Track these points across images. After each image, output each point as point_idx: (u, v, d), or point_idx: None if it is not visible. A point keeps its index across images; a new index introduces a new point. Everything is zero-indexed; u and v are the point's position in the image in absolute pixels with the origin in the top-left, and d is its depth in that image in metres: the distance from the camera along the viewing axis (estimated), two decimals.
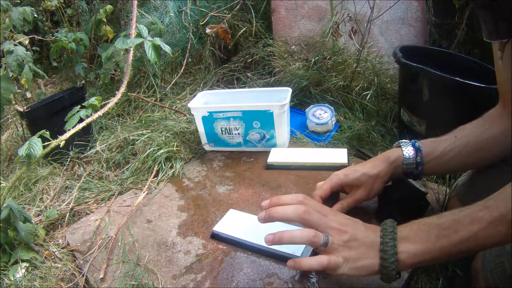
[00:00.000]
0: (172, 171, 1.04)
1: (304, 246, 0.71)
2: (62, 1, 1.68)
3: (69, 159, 1.17)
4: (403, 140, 0.77)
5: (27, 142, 0.80)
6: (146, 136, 1.15)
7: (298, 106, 1.34)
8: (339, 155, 0.99)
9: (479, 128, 0.74)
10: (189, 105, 1.09)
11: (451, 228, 0.54)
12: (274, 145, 1.09)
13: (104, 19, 1.38)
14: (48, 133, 0.85)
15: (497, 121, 0.73)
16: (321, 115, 1.18)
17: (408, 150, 0.74)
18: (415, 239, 0.56)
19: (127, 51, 1.14)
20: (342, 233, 0.59)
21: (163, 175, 1.03)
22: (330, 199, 0.77)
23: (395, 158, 0.74)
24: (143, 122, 1.30)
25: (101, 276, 0.72)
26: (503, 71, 0.69)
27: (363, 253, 0.58)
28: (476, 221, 0.52)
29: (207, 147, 1.15)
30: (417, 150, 0.73)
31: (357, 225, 0.61)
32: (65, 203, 0.99)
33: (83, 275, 0.75)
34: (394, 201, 0.75)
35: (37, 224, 0.90)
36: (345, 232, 0.59)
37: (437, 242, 0.54)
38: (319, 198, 0.75)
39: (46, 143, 0.84)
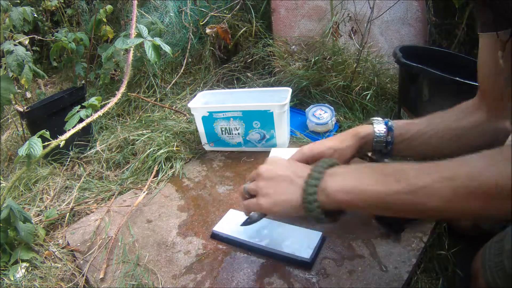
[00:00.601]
0: (172, 171, 1.04)
1: (307, 247, 0.71)
2: (62, 1, 1.68)
3: (69, 159, 1.17)
4: (376, 118, 0.76)
5: (27, 142, 0.80)
6: (146, 136, 1.15)
7: (298, 106, 1.34)
8: None
9: (453, 117, 0.74)
10: (189, 105, 1.09)
11: (393, 176, 0.50)
12: (274, 145, 1.09)
13: (104, 19, 1.38)
14: (48, 133, 0.85)
15: (473, 113, 0.73)
16: (321, 115, 1.18)
17: (379, 128, 0.73)
18: (348, 176, 0.53)
19: (127, 51, 1.14)
20: (264, 174, 0.60)
21: (163, 175, 1.03)
22: None
23: (365, 134, 0.74)
24: (143, 122, 1.30)
25: (101, 276, 0.72)
26: (485, 68, 0.69)
27: (283, 188, 0.57)
28: (422, 176, 0.48)
29: (207, 147, 1.15)
30: (389, 129, 0.73)
31: (286, 165, 0.61)
32: (65, 203, 0.99)
33: (83, 275, 0.75)
34: None
35: (37, 224, 0.90)
36: (268, 172, 0.59)
37: (374, 186, 0.50)
38: None
39: (46, 143, 0.84)
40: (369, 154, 0.79)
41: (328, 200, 0.53)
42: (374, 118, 0.77)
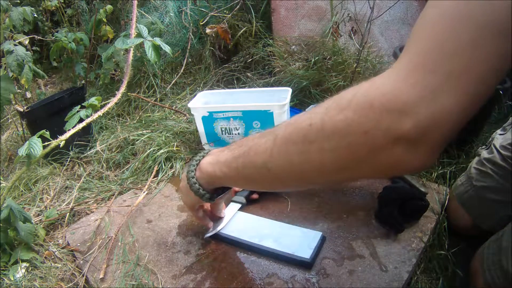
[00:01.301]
0: (172, 171, 1.04)
1: (307, 246, 0.71)
2: (62, 1, 1.68)
3: (69, 159, 1.17)
4: None
5: (27, 142, 0.80)
6: (146, 136, 1.15)
7: (298, 106, 1.34)
8: None
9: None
10: (189, 105, 1.09)
11: (240, 143, 0.53)
12: None
13: (104, 19, 1.38)
14: (48, 133, 0.85)
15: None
16: None
17: None
18: (215, 152, 0.59)
19: (127, 51, 1.14)
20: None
21: (163, 175, 1.03)
22: None
23: None
24: (143, 122, 1.30)
25: (101, 276, 0.72)
26: None
27: (183, 178, 0.64)
28: (256, 137, 0.49)
29: (207, 147, 1.15)
30: None
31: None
32: (65, 203, 0.99)
33: (83, 275, 0.75)
34: (394, 201, 0.76)
35: (37, 224, 0.90)
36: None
37: (225, 156, 0.54)
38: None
39: (46, 143, 0.84)
40: None
41: (201, 174, 0.60)
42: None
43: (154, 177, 1.03)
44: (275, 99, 1.10)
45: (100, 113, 0.95)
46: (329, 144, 0.37)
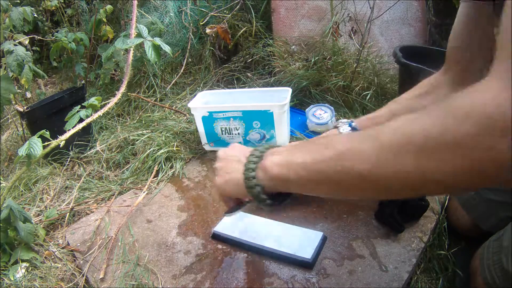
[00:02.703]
0: (172, 171, 1.04)
1: (308, 247, 0.71)
2: (62, 1, 1.68)
3: (69, 159, 1.17)
4: (341, 120, 0.80)
5: (27, 142, 0.80)
6: (146, 136, 1.15)
7: (298, 106, 1.34)
8: None
9: (415, 99, 0.75)
10: (189, 105, 1.09)
11: (322, 145, 0.47)
12: None
13: (104, 19, 1.38)
14: (48, 133, 0.85)
15: (436, 89, 0.74)
16: (321, 115, 1.18)
17: (345, 131, 0.77)
18: (284, 152, 0.52)
19: (127, 51, 1.14)
20: (220, 155, 0.61)
21: (163, 175, 1.03)
22: None
23: None
24: (143, 122, 1.30)
25: (101, 276, 0.72)
26: (457, 38, 0.69)
27: (231, 167, 0.57)
28: (349, 140, 0.45)
29: (207, 147, 1.15)
30: (354, 129, 0.77)
31: (239, 147, 0.61)
32: (65, 203, 0.99)
33: (83, 275, 0.75)
34: (394, 201, 0.76)
35: (37, 224, 0.90)
36: (222, 153, 0.61)
37: (302, 157, 0.48)
38: None
39: (46, 143, 0.84)
40: None
41: (265, 176, 0.52)
42: (339, 120, 0.81)
43: (154, 177, 1.03)
44: (275, 99, 1.10)
45: (100, 113, 0.95)
46: (450, 156, 0.36)
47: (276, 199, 0.56)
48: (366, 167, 0.41)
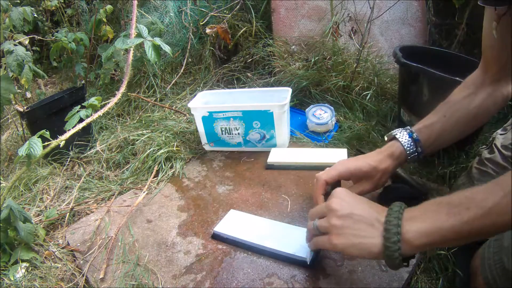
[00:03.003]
0: (172, 171, 1.04)
1: (308, 247, 0.71)
2: (62, 1, 1.68)
3: (69, 159, 1.17)
4: (398, 132, 0.76)
5: (27, 142, 0.80)
6: (146, 136, 1.15)
7: (298, 106, 1.34)
8: (339, 155, 1.00)
9: (466, 99, 0.75)
10: (189, 105, 1.09)
11: (462, 205, 0.49)
12: (274, 145, 1.09)
13: (104, 19, 1.38)
14: (48, 133, 0.85)
15: (481, 88, 0.75)
16: (321, 115, 1.18)
17: (408, 144, 0.75)
18: (423, 217, 0.51)
19: (127, 51, 1.14)
20: (339, 212, 0.57)
21: (163, 175, 1.03)
22: (334, 185, 0.76)
23: (399, 154, 0.75)
24: (143, 122, 1.30)
25: (101, 276, 0.72)
26: (490, 38, 0.70)
27: (362, 230, 0.54)
28: (489, 197, 0.47)
29: (207, 147, 1.15)
30: (416, 140, 0.75)
31: (360, 203, 0.58)
32: (65, 203, 0.99)
33: (83, 275, 0.75)
34: (394, 201, 0.75)
35: (37, 224, 0.90)
36: (343, 210, 0.57)
37: (447, 221, 0.49)
38: (325, 182, 0.73)
39: (46, 143, 0.84)
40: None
41: (409, 247, 0.51)
42: (396, 132, 0.77)
43: (154, 177, 1.03)
44: (275, 99, 1.10)
45: (100, 113, 0.95)
46: None
47: (407, 260, 0.54)
48: (508, 217, 0.45)
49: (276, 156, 1.03)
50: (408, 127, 0.77)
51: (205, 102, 1.17)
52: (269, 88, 1.32)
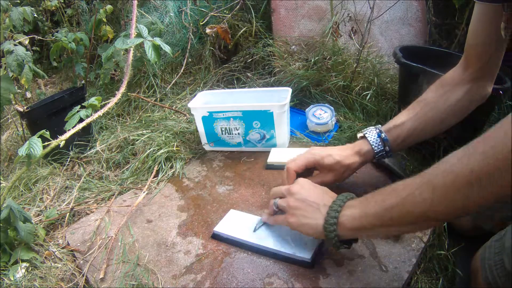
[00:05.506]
0: (172, 171, 1.04)
1: (308, 247, 0.71)
2: (62, 1, 1.68)
3: (69, 159, 1.17)
4: (368, 131, 0.80)
5: (27, 142, 0.80)
6: (146, 136, 1.15)
7: (298, 106, 1.34)
8: None
9: (442, 98, 0.77)
10: (189, 105, 1.09)
11: (387, 194, 0.55)
12: (274, 145, 1.09)
13: (104, 19, 1.38)
14: (48, 133, 0.85)
15: (458, 86, 0.76)
16: (321, 115, 1.18)
17: (376, 143, 0.78)
18: (358, 205, 0.59)
19: (127, 51, 1.14)
20: (296, 195, 0.67)
21: (163, 175, 1.03)
22: (304, 173, 0.81)
23: (366, 151, 0.79)
24: (143, 122, 1.30)
25: (101, 276, 0.72)
26: (476, 35, 0.71)
27: (310, 213, 0.64)
28: (407, 187, 0.52)
29: (207, 147, 1.15)
30: (384, 140, 0.78)
31: (316, 191, 0.67)
32: (65, 203, 0.99)
33: (83, 275, 0.75)
34: None
35: (37, 224, 0.90)
36: (299, 195, 0.66)
37: (373, 208, 0.55)
38: (294, 172, 0.79)
39: (46, 143, 0.84)
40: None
41: (343, 228, 0.59)
42: (366, 130, 0.81)
43: (154, 177, 1.03)
44: (275, 99, 1.10)
45: (100, 113, 0.95)
46: (491, 188, 0.42)
47: (347, 242, 0.63)
48: (426, 208, 0.48)
49: (276, 156, 1.03)
50: (379, 126, 0.81)
51: (205, 102, 1.17)
52: (269, 88, 1.32)
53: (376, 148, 0.78)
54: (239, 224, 0.80)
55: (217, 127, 1.09)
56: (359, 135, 0.83)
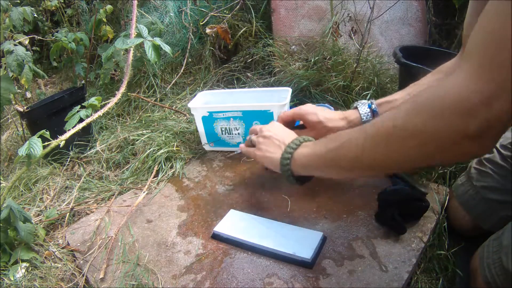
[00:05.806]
0: (172, 171, 1.04)
1: (308, 247, 0.71)
2: (62, 1, 1.68)
3: (69, 159, 1.17)
4: (361, 102, 0.84)
5: (27, 142, 0.80)
6: (146, 136, 1.15)
7: (298, 106, 1.33)
8: None
9: (436, 81, 0.77)
10: (189, 105, 1.09)
11: (333, 139, 0.61)
12: None
13: (104, 19, 1.38)
14: (48, 133, 0.85)
15: (454, 73, 0.75)
16: None
17: (365, 112, 0.82)
18: (310, 145, 0.67)
19: (127, 51, 1.14)
20: (264, 133, 0.76)
21: (163, 175, 1.03)
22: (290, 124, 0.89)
23: (354, 119, 0.82)
24: (143, 122, 1.30)
25: (101, 276, 0.72)
26: (471, 26, 0.72)
27: (272, 147, 0.73)
28: (349, 134, 0.57)
29: (207, 147, 1.15)
30: (374, 111, 0.81)
31: (282, 132, 0.76)
32: (65, 203, 0.99)
33: (83, 275, 0.75)
34: (394, 203, 0.75)
35: (37, 224, 0.90)
36: (267, 133, 0.76)
37: (319, 149, 0.63)
38: (281, 120, 0.87)
39: (46, 143, 0.84)
40: None
41: (295, 164, 0.68)
42: (359, 102, 0.84)
43: (154, 177, 1.03)
44: (275, 99, 1.10)
45: (100, 113, 0.95)
46: (410, 142, 0.46)
47: (301, 180, 0.72)
48: (357, 153, 0.54)
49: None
50: (372, 99, 0.84)
51: (205, 102, 1.17)
52: (269, 88, 1.32)
53: (364, 117, 0.81)
54: (239, 224, 0.80)
55: (217, 127, 1.09)
56: (352, 106, 0.86)
